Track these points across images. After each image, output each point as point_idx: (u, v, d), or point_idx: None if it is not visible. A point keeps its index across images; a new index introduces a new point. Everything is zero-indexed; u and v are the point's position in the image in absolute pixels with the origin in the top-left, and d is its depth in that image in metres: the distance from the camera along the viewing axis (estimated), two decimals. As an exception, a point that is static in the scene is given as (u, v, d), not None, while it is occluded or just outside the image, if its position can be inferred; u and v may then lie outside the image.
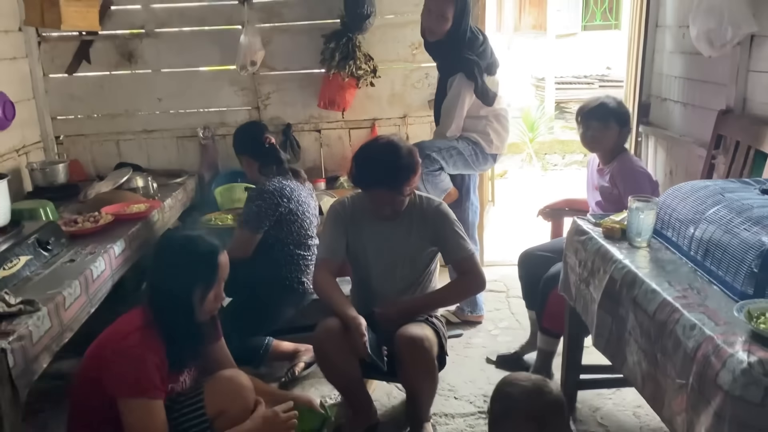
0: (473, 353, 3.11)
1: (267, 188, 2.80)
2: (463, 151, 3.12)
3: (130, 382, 1.74)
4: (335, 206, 2.53)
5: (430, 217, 2.43)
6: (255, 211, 2.75)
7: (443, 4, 2.95)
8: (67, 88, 3.77)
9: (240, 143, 2.99)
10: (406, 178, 2.29)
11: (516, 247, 4.13)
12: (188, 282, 1.87)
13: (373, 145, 2.43)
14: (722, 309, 1.59)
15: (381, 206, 2.37)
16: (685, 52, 3.26)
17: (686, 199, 2.03)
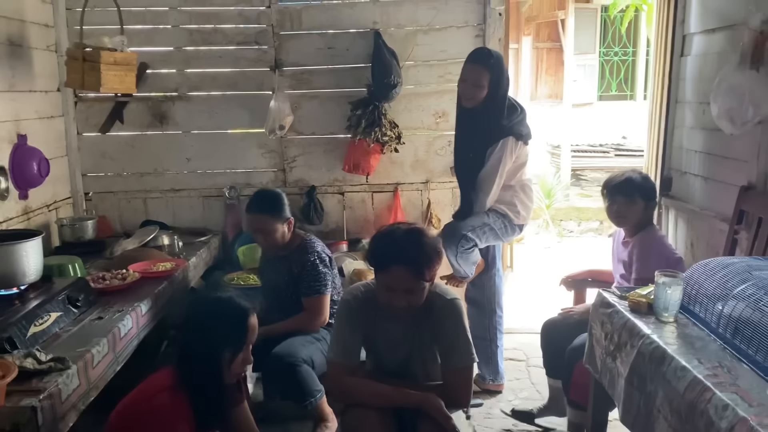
0: (494, 424, 3.07)
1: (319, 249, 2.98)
2: (494, 226, 3.13)
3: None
4: (348, 300, 2.31)
5: (440, 309, 2.24)
6: (324, 272, 2.92)
7: (478, 74, 3.01)
8: (100, 147, 3.89)
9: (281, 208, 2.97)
10: (429, 261, 2.13)
11: (535, 314, 4.14)
12: (218, 344, 1.88)
13: (396, 225, 2.28)
14: (754, 389, 1.58)
15: (396, 295, 2.14)
16: (705, 128, 3.31)
17: (713, 275, 2.03)
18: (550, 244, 7.57)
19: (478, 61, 3.03)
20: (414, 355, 2.31)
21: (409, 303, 2.16)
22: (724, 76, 2.79)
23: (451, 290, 2.37)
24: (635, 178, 2.83)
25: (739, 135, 2.84)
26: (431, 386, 2.25)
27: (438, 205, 3.91)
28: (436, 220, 3.90)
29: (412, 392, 2.16)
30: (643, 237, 2.79)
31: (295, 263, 2.93)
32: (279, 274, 2.98)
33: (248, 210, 2.96)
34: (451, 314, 2.25)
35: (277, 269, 2.98)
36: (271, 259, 3.04)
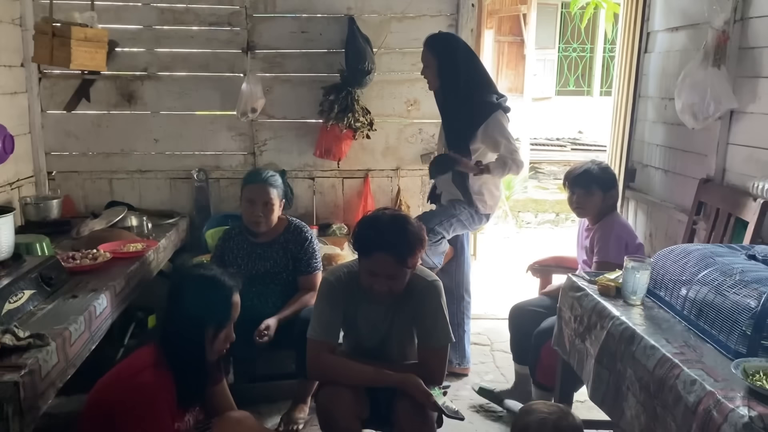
0: (460, 405, 3.11)
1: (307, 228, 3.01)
2: (461, 217, 3.19)
3: (142, 423, 1.74)
4: (330, 280, 2.35)
5: (420, 291, 2.30)
6: (317, 249, 2.97)
7: (425, 55, 3.14)
8: (64, 125, 3.80)
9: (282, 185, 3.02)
10: (412, 249, 2.18)
11: (498, 300, 4.25)
12: (202, 321, 1.89)
13: (382, 212, 2.31)
14: (719, 366, 1.68)
15: (378, 280, 2.19)
16: (667, 122, 3.45)
17: (678, 261, 2.14)
18: (508, 234, 7.72)
19: (425, 43, 3.15)
20: (392, 336, 2.36)
21: (391, 288, 2.22)
22: (687, 72, 2.91)
23: (431, 272, 2.42)
24: (593, 170, 2.90)
25: (700, 129, 2.98)
26: (407, 365, 2.31)
27: (407, 192, 3.96)
28: (406, 207, 3.95)
29: (391, 372, 2.21)
30: (604, 223, 2.89)
31: (292, 243, 2.94)
32: (274, 259, 2.94)
33: (252, 180, 2.93)
34: (432, 296, 2.31)
35: (270, 255, 2.94)
36: (258, 247, 2.96)
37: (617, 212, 3.00)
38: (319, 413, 2.27)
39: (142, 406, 1.75)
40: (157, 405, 1.76)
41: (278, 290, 2.94)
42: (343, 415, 2.18)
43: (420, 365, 2.30)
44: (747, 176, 2.72)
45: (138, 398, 1.76)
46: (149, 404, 1.75)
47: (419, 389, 2.13)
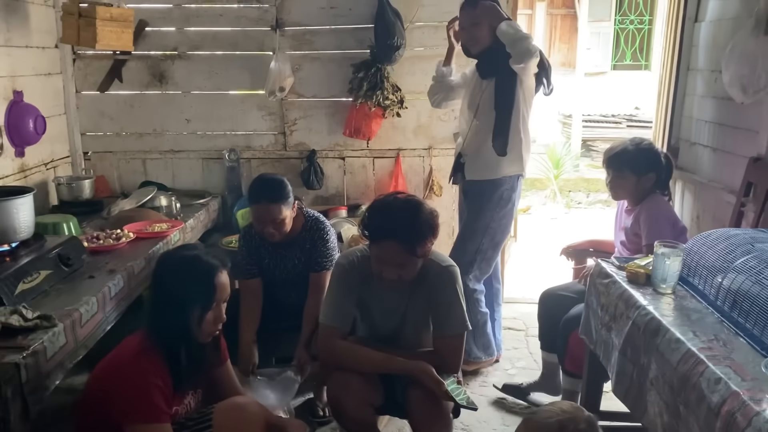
0: (489, 392, 3.05)
1: (327, 224, 2.88)
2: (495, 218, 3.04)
3: (135, 408, 1.72)
4: (343, 264, 2.29)
5: (436, 276, 2.22)
6: (333, 246, 2.84)
7: (469, 14, 2.94)
8: (98, 105, 3.84)
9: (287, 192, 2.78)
10: (422, 237, 2.07)
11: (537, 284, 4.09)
12: (184, 302, 1.83)
13: (394, 196, 2.21)
14: (749, 363, 1.54)
15: (387, 267, 2.11)
16: (716, 96, 3.22)
17: (714, 247, 1.98)
18: (556, 215, 7.50)
19: (467, 3, 2.96)
20: (407, 323, 2.28)
21: (401, 276, 2.13)
22: (737, 42, 2.69)
23: (447, 257, 2.32)
24: (628, 150, 2.72)
25: (750, 104, 2.76)
26: (422, 353, 2.23)
27: (440, 173, 3.85)
28: (438, 187, 3.84)
29: (403, 359, 2.13)
30: (649, 203, 2.69)
31: (309, 242, 2.81)
32: (294, 259, 2.83)
33: (253, 201, 2.71)
34: (447, 282, 2.22)
35: (291, 255, 2.83)
36: (280, 247, 2.82)
37: (659, 194, 2.76)
38: (329, 400, 2.22)
39: (133, 393, 1.72)
40: (146, 391, 1.73)
41: (298, 292, 2.81)
42: (354, 402, 2.13)
43: (434, 353, 2.22)
44: (800, 154, 2.50)
45: (128, 385, 1.73)
46: (140, 391, 1.72)
47: (431, 377, 2.05)
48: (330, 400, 2.22)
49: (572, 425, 1.45)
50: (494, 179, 3.02)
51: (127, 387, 1.73)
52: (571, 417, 1.47)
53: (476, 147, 3.03)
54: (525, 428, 1.51)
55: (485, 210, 3.03)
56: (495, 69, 2.93)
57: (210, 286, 1.85)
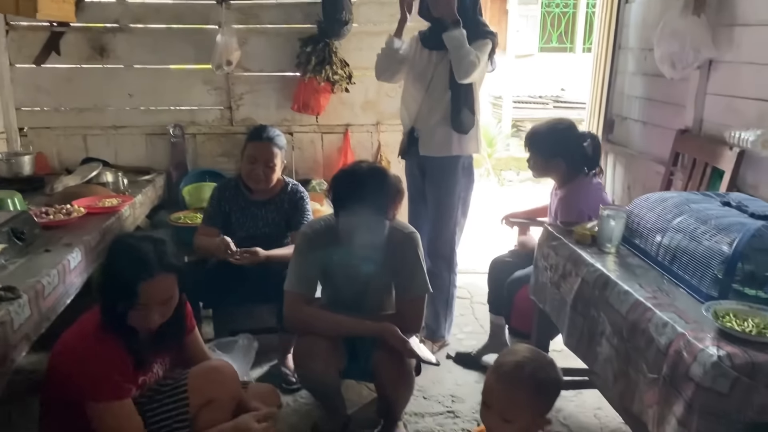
0: (440, 356, 3.18)
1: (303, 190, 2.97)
2: (464, 188, 3.11)
3: (96, 386, 1.70)
4: (307, 232, 2.36)
5: (399, 243, 2.31)
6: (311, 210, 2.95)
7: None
8: (34, 79, 3.71)
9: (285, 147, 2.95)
10: (391, 200, 2.20)
11: (479, 255, 4.26)
12: (110, 295, 1.78)
13: (358, 164, 2.29)
14: (690, 309, 1.71)
15: (358, 232, 2.18)
16: (647, 73, 3.43)
17: (653, 209, 2.15)
18: (490, 191, 7.74)
19: None
20: (370, 288, 2.37)
21: (371, 240, 2.21)
22: (667, 21, 2.88)
23: (408, 224, 2.42)
24: (538, 132, 2.83)
25: (679, 80, 2.97)
26: (385, 316, 2.32)
27: (388, 148, 3.93)
28: (386, 162, 3.92)
29: (369, 321, 2.22)
30: (570, 191, 2.77)
31: (288, 203, 2.90)
32: (268, 219, 2.89)
33: (256, 137, 2.82)
34: (410, 247, 2.32)
35: (265, 215, 2.89)
36: (254, 205, 2.89)
37: (585, 177, 2.78)
38: (296, 364, 2.29)
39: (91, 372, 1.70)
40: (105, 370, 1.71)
41: None
42: (320, 366, 2.20)
43: (397, 315, 2.32)
44: (724, 126, 2.72)
45: (86, 364, 1.71)
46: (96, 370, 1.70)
47: (396, 337, 2.15)
48: (296, 364, 2.28)
49: (543, 373, 1.58)
50: (454, 156, 3.04)
51: (87, 366, 1.70)
52: (541, 365, 1.60)
53: (431, 122, 3.01)
54: (497, 378, 1.61)
55: (454, 183, 3.06)
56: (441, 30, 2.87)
57: (132, 286, 1.73)
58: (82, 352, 1.72)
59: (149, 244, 1.80)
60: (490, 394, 1.61)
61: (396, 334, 2.15)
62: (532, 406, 1.56)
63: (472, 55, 2.82)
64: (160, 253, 1.79)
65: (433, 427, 2.61)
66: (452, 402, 2.77)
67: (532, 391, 1.55)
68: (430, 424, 2.63)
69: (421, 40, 3.07)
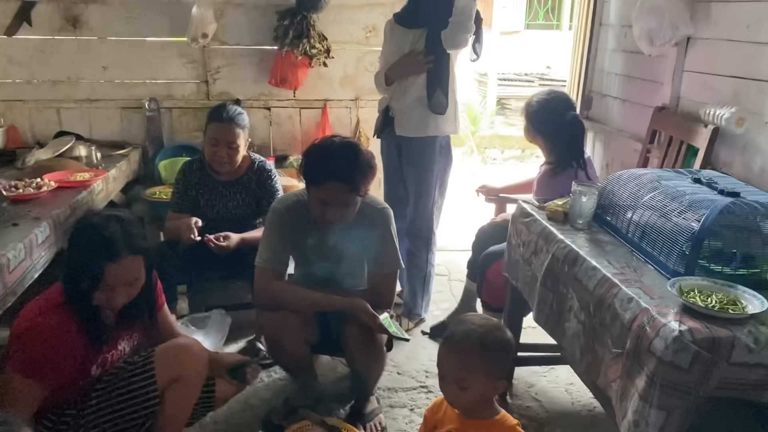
0: (415, 331, 3.20)
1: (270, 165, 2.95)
2: (441, 169, 3.07)
3: (26, 360, 1.67)
4: (278, 208, 2.33)
5: (371, 219, 2.30)
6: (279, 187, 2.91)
7: None
8: (5, 51, 3.62)
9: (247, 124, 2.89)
10: (364, 176, 2.16)
11: (458, 233, 4.27)
12: (76, 272, 1.75)
13: (331, 139, 2.25)
14: (656, 285, 1.72)
15: (330, 209, 2.16)
16: (626, 50, 3.42)
17: (625, 186, 2.15)
18: (474, 170, 7.73)
19: None
20: (342, 264, 2.36)
21: (343, 216, 2.20)
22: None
23: (381, 201, 2.40)
24: (530, 101, 2.86)
25: (656, 57, 2.96)
26: (356, 291, 2.32)
27: (367, 124, 3.89)
28: (365, 138, 3.89)
29: (339, 296, 2.21)
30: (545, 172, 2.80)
31: (255, 183, 2.85)
32: (238, 200, 2.86)
33: (216, 118, 2.75)
34: (382, 223, 2.32)
35: (233, 196, 2.86)
36: (221, 185, 2.85)
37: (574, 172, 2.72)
38: (266, 339, 2.29)
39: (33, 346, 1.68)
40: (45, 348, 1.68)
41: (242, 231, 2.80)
42: (291, 340, 2.20)
43: (369, 291, 2.32)
44: (700, 103, 2.72)
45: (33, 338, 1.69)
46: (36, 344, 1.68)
47: (366, 312, 2.15)
48: (267, 339, 2.28)
49: (491, 335, 1.59)
50: (431, 136, 3.00)
51: (32, 339, 1.68)
52: (488, 328, 1.60)
53: (407, 102, 2.96)
54: (447, 348, 1.62)
55: (431, 163, 3.02)
56: (426, 18, 2.87)
57: (97, 268, 1.72)
58: (32, 323, 1.69)
59: (116, 224, 1.77)
60: (442, 365, 1.63)
61: (366, 309, 2.15)
62: (484, 370, 1.57)
63: (471, 30, 2.83)
64: (127, 234, 1.77)
65: (406, 401, 2.63)
66: (426, 377, 2.79)
67: (481, 355, 1.56)
68: (403, 398, 2.64)
69: (396, 20, 3.02)
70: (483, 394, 1.60)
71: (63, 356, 1.71)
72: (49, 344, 1.68)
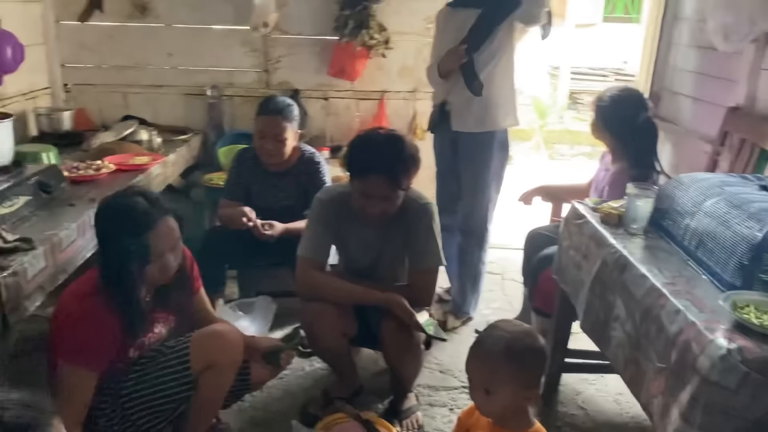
0: (463, 330, 3.14)
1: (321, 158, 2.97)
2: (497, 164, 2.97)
3: (71, 347, 1.70)
4: (322, 199, 2.32)
5: (413, 213, 2.25)
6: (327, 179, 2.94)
7: None
8: (79, 36, 3.76)
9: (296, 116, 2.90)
10: (407, 170, 2.12)
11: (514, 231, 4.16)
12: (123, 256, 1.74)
13: (375, 131, 2.24)
14: (708, 297, 1.61)
15: (372, 202, 2.14)
16: (700, 46, 3.23)
17: (685, 190, 2.03)
18: (539, 165, 7.54)
19: None
20: (383, 258, 2.33)
21: (384, 210, 2.17)
22: (723, -12, 2.69)
23: (424, 194, 2.36)
24: (601, 96, 2.74)
25: (732, 54, 2.78)
26: (396, 287, 2.29)
27: (424, 117, 3.78)
28: (421, 131, 3.84)
29: (376, 290, 2.19)
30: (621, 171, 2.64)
31: (304, 174, 2.87)
32: (288, 191, 2.88)
33: (264, 111, 2.79)
34: (424, 218, 2.26)
35: (283, 186, 2.88)
36: (272, 176, 2.88)
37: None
38: (304, 329, 2.28)
39: (74, 333, 1.71)
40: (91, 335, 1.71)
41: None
42: (328, 332, 2.20)
43: (409, 287, 2.28)
44: (777, 105, 2.54)
45: (74, 324, 1.71)
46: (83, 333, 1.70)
47: (402, 308, 2.11)
48: (304, 329, 2.28)
49: (520, 343, 1.52)
50: (489, 131, 2.91)
51: (69, 323, 1.71)
52: (518, 336, 1.54)
53: (465, 95, 2.85)
54: (474, 352, 1.57)
55: (489, 159, 2.93)
56: None
57: (144, 240, 1.74)
58: (74, 309, 1.72)
59: (137, 197, 1.81)
60: (469, 369, 1.58)
61: (402, 305, 2.11)
62: (510, 377, 1.50)
63: (545, 8, 2.74)
64: (152, 200, 1.81)
65: (446, 401, 2.58)
66: (469, 377, 2.73)
67: (506, 362, 1.50)
68: (444, 398, 2.60)
69: (450, 3, 2.94)
70: (513, 402, 1.54)
71: (105, 339, 1.75)
72: (91, 328, 1.72)
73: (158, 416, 1.84)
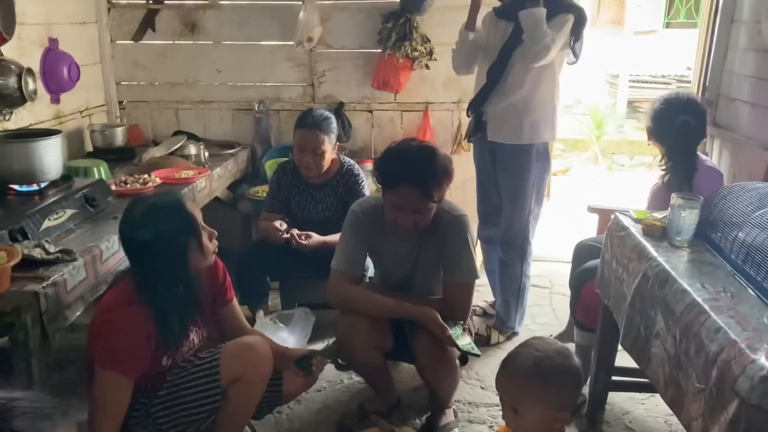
0: (507, 345, 3.06)
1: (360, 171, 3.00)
2: (537, 176, 2.88)
3: (107, 353, 1.72)
4: (356, 211, 2.30)
5: (447, 226, 2.21)
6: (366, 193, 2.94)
7: None
8: (132, 55, 3.90)
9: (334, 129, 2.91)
10: (438, 182, 2.09)
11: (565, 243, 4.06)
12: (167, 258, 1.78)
13: (407, 142, 2.20)
14: (752, 315, 1.51)
15: (403, 214, 2.11)
16: (758, 49, 3.07)
17: (734, 201, 1.92)
18: (597, 176, 7.34)
19: None
20: (417, 271, 2.30)
21: (416, 223, 2.14)
22: (780, -11, 2.55)
23: (459, 206, 2.31)
24: (654, 102, 2.64)
25: (791, 56, 2.63)
26: (431, 300, 2.25)
27: (468, 127, 3.79)
28: (466, 143, 3.79)
29: (409, 304, 2.16)
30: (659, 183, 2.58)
31: (343, 186, 2.90)
32: (327, 202, 2.92)
33: (302, 124, 2.82)
34: (458, 231, 2.22)
35: (323, 198, 2.92)
36: (312, 188, 2.92)
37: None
38: (338, 342, 2.27)
39: (109, 340, 1.73)
40: (122, 340, 1.72)
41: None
42: (361, 345, 2.18)
43: (443, 300, 2.24)
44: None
45: (109, 332, 1.73)
46: (118, 339, 1.72)
47: (435, 322, 2.07)
48: (339, 343, 2.27)
49: (549, 362, 1.46)
50: (527, 144, 2.84)
51: (108, 333, 1.73)
52: (548, 354, 1.48)
53: (502, 105, 2.81)
54: (502, 370, 1.52)
55: (527, 170, 2.86)
56: (522, 5, 2.64)
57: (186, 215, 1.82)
58: (112, 321, 1.75)
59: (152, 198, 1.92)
60: (498, 386, 1.54)
61: (434, 319, 2.07)
62: (538, 397, 1.44)
63: (548, 38, 2.58)
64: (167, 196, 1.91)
65: (486, 418, 2.52)
66: (510, 394, 2.65)
67: (534, 381, 1.44)
68: (483, 414, 2.53)
69: (496, 11, 2.89)
70: (542, 424, 1.47)
71: (141, 347, 1.77)
72: (127, 334, 1.74)
73: (188, 426, 1.85)
